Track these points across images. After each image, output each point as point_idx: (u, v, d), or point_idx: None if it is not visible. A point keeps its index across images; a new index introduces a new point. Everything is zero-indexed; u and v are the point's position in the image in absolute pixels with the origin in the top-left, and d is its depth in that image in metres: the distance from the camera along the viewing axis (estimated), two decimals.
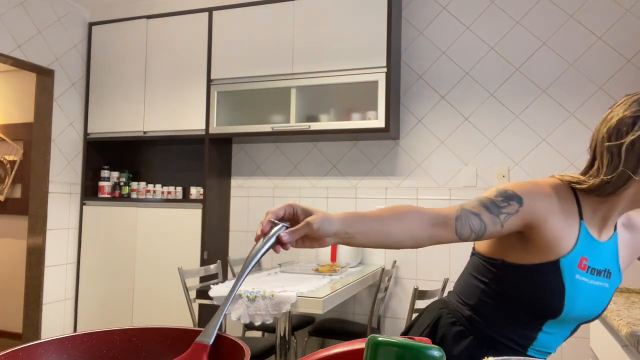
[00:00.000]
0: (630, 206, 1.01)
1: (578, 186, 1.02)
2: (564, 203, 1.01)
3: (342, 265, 2.85)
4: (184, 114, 3.37)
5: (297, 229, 0.79)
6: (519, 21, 2.95)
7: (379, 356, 0.50)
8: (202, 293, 2.15)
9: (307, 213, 0.82)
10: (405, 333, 1.22)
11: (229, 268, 3.13)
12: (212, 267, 2.80)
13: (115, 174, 3.71)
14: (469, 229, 0.95)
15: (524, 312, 1.04)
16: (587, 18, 2.81)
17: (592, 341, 1.76)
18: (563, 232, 1.00)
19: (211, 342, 0.61)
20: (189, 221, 3.28)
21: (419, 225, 0.91)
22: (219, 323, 0.64)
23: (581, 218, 1.02)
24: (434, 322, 1.14)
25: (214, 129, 3.27)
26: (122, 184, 3.66)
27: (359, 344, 0.63)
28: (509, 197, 0.98)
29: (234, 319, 2.04)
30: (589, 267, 1.01)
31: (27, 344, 0.60)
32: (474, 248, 1.14)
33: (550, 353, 1.11)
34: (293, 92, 3.07)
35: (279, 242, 0.78)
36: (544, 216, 0.99)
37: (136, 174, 3.86)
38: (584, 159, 2.79)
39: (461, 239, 0.96)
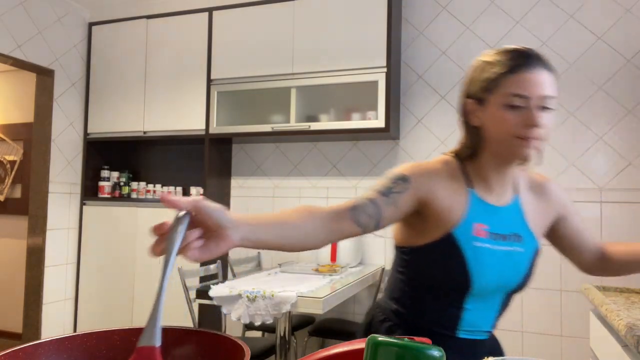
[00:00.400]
0: (503, 162, 1.03)
1: (459, 156, 1.08)
2: (451, 175, 1.05)
3: (342, 265, 2.85)
4: (184, 114, 3.37)
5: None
6: (519, 21, 2.95)
7: (379, 356, 0.50)
8: (202, 293, 2.15)
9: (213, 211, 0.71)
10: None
11: (229, 268, 3.13)
12: (212, 267, 2.80)
13: (115, 174, 3.71)
14: (366, 216, 0.96)
15: (438, 293, 1.04)
16: (587, 18, 2.81)
17: (592, 341, 1.76)
18: (452, 203, 1.02)
19: (158, 343, 0.56)
20: None
21: (319, 223, 0.90)
22: (159, 321, 0.57)
23: (470, 186, 1.05)
24: (367, 324, 1.15)
25: (214, 129, 3.27)
26: (122, 184, 3.66)
27: (359, 344, 0.63)
28: (397, 178, 1.02)
29: (234, 319, 2.04)
30: (490, 232, 1.02)
31: (27, 344, 0.60)
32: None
33: (487, 332, 1.09)
34: (293, 92, 3.07)
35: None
36: (432, 191, 1.02)
37: (136, 174, 3.86)
38: (584, 159, 2.79)
39: (362, 227, 0.97)
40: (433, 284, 1.04)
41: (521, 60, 0.97)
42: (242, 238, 0.73)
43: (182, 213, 0.65)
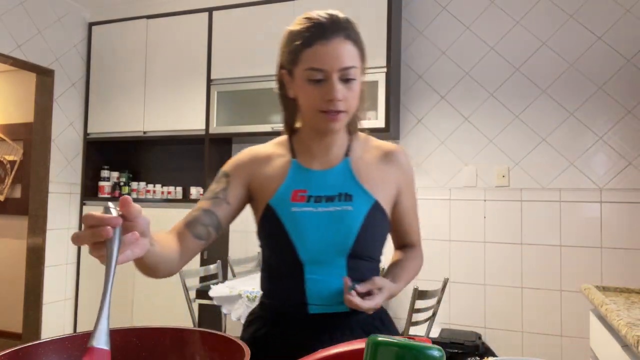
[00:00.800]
0: (315, 129, 1.02)
1: (288, 132, 1.10)
2: (278, 154, 1.08)
3: None
4: (183, 114, 3.37)
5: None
6: (519, 21, 2.95)
7: (379, 356, 0.50)
8: (202, 293, 2.15)
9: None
10: None
11: (228, 268, 3.13)
12: (212, 267, 2.80)
13: (115, 174, 3.71)
14: (202, 227, 0.99)
15: (280, 269, 1.03)
16: (587, 18, 2.81)
17: (592, 341, 1.76)
18: (271, 178, 1.04)
19: (107, 347, 0.55)
20: None
21: (174, 247, 0.92)
22: (107, 324, 0.57)
23: (294, 157, 1.06)
24: (246, 326, 1.11)
25: (214, 129, 3.27)
26: (122, 184, 3.66)
27: (359, 344, 0.63)
28: (220, 176, 1.07)
29: (234, 319, 2.04)
30: (310, 196, 1.01)
31: (27, 344, 0.60)
32: None
33: (340, 309, 0.99)
34: None
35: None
36: (250, 173, 1.05)
37: (136, 174, 3.86)
38: (584, 159, 2.79)
39: (203, 239, 0.98)
40: (271, 261, 1.05)
41: (316, 31, 0.95)
42: (146, 250, 0.71)
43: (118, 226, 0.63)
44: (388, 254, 1.15)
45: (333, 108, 0.95)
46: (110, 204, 0.65)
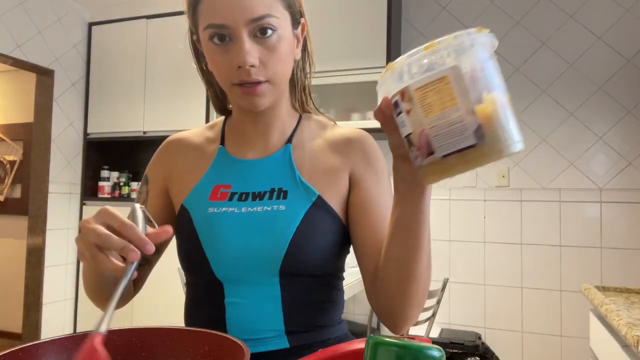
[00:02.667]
0: (240, 108, 0.81)
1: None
2: (206, 139, 0.86)
3: None
4: (184, 114, 3.37)
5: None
6: (519, 21, 2.95)
7: (378, 356, 0.50)
8: None
9: None
10: None
11: None
12: None
13: (115, 174, 3.71)
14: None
15: (196, 288, 0.80)
16: (587, 18, 2.81)
17: (592, 341, 1.76)
18: (189, 173, 0.82)
19: (101, 329, 0.54)
20: None
21: None
22: (111, 313, 0.55)
23: (221, 144, 0.83)
24: None
25: None
26: (122, 184, 3.66)
27: (358, 344, 0.63)
28: (141, 184, 0.87)
29: None
30: (233, 193, 0.77)
31: (27, 344, 0.60)
32: None
33: (278, 335, 0.73)
34: None
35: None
36: (167, 172, 0.85)
37: (136, 174, 3.86)
38: (584, 159, 2.79)
39: (143, 264, 0.80)
40: (187, 278, 0.82)
41: None
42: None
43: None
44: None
45: (246, 77, 0.70)
46: (138, 207, 0.60)
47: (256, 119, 0.81)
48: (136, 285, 0.87)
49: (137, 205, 0.61)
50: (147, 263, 0.86)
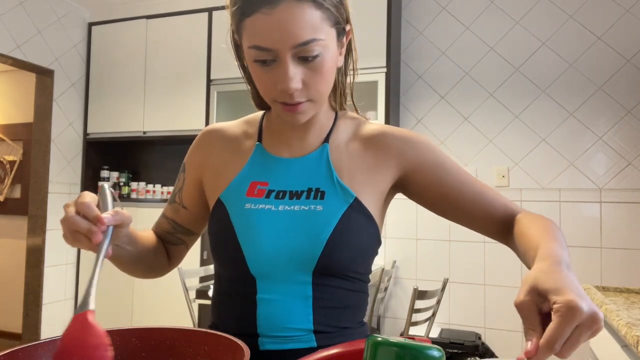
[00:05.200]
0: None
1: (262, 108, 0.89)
2: (244, 134, 0.87)
3: None
4: (184, 114, 3.37)
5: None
6: (518, 21, 2.95)
7: (378, 356, 0.50)
8: (202, 293, 2.15)
9: None
10: None
11: None
12: (212, 267, 2.80)
13: (115, 174, 3.70)
14: (169, 235, 0.90)
15: (229, 283, 0.80)
16: (587, 18, 2.81)
17: (592, 341, 1.76)
18: (226, 166, 0.83)
19: (90, 307, 0.57)
20: None
21: (155, 249, 0.87)
22: (93, 288, 0.59)
23: (259, 140, 0.84)
24: None
25: None
26: (121, 184, 3.66)
27: (359, 344, 0.63)
28: (180, 171, 0.91)
29: None
30: (270, 190, 0.78)
31: (27, 344, 0.60)
32: None
33: (304, 333, 0.74)
34: None
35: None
36: (204, 163, 0.87)
37: (136, 174, 3.86)
38: (584, 159, 2.79)
39: (177, 244, 0.89)
40: (220, 274, 0.82)
41: None
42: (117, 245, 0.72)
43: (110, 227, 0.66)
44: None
45: (288, 100, 0.71)
46: (106, 185, 0.67)
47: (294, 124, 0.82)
48: (172, 261, 0.92)
49: (106, 185, 0.67)
50: (181, 243, 0.91)
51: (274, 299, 0.74)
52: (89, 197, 0.63)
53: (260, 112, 0.89)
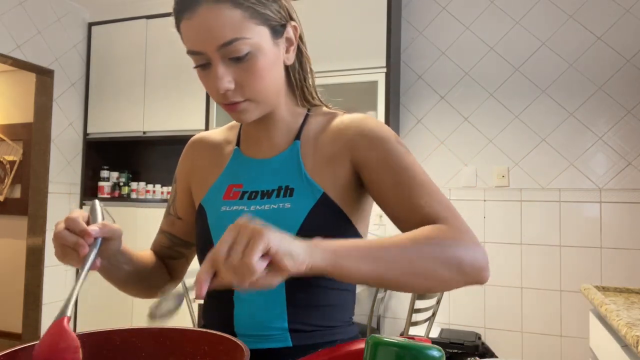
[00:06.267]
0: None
1: None
2: (225, 140, 0.89)
3: None
4: (184, 114, 3.37)
5: None
6: (519, 21, 2.95)
7: (378, 356, 0.50)
8: None
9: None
10: None
11: None
12: None
13: (114, 174, 3.70)
14: (167, 250, 0.91)
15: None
16: (587, 18, 2.81)
17: (591, 341, 1.76)
18: (208, 172, 0.87)
19: (67, 313, 0.60)
20: None
21: (152, 268, 0.89)
22: (74, 297, 0.61)
23: (237, 144, 0.87)
24: None
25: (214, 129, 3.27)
26: (121, 184, 3.66)
27: (358, 344, 0.63)
28: (172, 183, 0.94)
29: None
30: (243, 192, 0.80)
31: (27, 344, 0.60)
32: None
33: (280, 333, 0.75)
34: None
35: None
36: (190, 172, 0.90)
37: (136, 174, 3.86)
38: (584, 159, 2.79)
39: (177, 258, 0.90)
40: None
41: (179, 1, 0.74)
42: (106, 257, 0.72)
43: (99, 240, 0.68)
44: None
45: (223, 101, 0.74)
46: (96, 202, 0.71)
47: (257, 123, 0.83)
48: (174, 277, 0.94)
49: (96, 201, 0.71)
50: (181, 257, 0.94)
51: (249, 299, 0.76)
52: (77, 213, 0.66)
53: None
